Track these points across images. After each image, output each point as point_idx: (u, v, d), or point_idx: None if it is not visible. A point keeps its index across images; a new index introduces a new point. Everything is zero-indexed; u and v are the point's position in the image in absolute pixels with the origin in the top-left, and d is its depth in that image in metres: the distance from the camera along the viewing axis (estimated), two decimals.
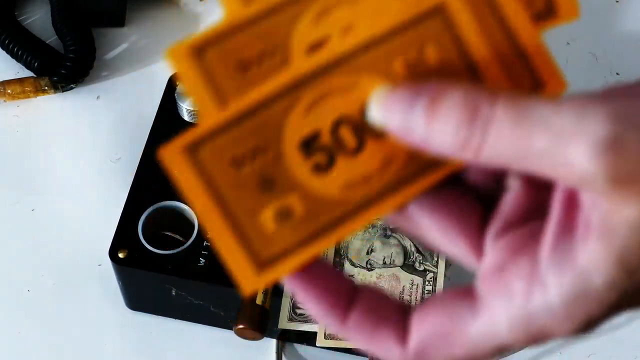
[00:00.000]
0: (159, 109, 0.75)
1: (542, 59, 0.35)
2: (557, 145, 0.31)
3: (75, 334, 0.74)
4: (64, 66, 0.83)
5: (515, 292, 0.33)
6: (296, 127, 0.32)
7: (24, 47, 0.84)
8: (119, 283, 0.72)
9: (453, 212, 0.35)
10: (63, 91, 0.84)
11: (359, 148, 0.33)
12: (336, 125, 0.33)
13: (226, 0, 0.32)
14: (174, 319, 0.74)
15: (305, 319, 0.68)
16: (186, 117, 0.74)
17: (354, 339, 0.34)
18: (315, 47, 0.33)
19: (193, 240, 0.69)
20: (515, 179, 0.35)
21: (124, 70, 0.86)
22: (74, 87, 0.84)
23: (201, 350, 0.73)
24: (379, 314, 0.34)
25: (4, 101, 0.84)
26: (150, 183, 0.72)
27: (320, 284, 0.33)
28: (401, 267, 0.69)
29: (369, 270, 0.69)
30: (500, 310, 0.33)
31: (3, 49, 0.85)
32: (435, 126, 0.32)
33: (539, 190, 0.34)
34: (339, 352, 0.72)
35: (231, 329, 0.69)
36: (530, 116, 0.31)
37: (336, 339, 0.67)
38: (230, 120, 0.32)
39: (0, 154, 0.82)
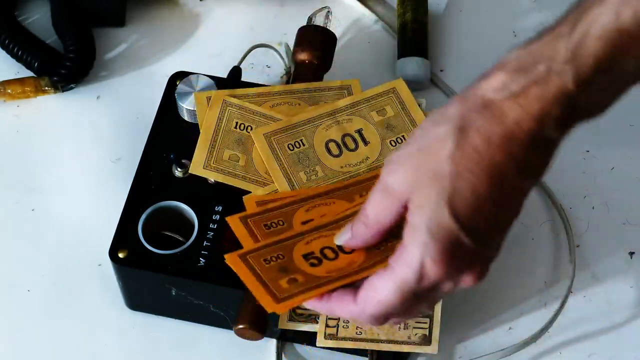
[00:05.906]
0: (159, 109, 0.75)
1: None
2: None
3: (75, 334, 0.74)
4: (64, 66, 0.83)
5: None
6: (300, 250, 0.63)
7: (24, 47, 0.84)
8: (119, 283, 0.72)
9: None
10: (63, 91, 0.84)
11: (335, 257, 0.62)
12: (322, 249, 0.63)
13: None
14: (174, 319, 0.74)
15: (305, 319, 0.68)
16: (186, 117, 0.74)
17: (331, 308, 0.60)
18: (305, 222, 0.66)
19: (193, 240, 0.69)
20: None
21: (124, 70, 0.86)
22: (74, 87, 0.84)
23: (201, 350, 0.73)
24: (344, 292, 0.60)
25: (4, 101, 0.84)
26: (150, 183, 0.72)
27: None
28: None
29: None
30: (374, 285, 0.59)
31: (3, 49, 0.85)
32: (352, 237, 0.61)
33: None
34: (339, 352, 0.72)
35: (231, 329, 0.70)
36: None
37: (336, 339, 0.67)
38: (259, 246, 0.63)
39: (0, 154, 0.82)
